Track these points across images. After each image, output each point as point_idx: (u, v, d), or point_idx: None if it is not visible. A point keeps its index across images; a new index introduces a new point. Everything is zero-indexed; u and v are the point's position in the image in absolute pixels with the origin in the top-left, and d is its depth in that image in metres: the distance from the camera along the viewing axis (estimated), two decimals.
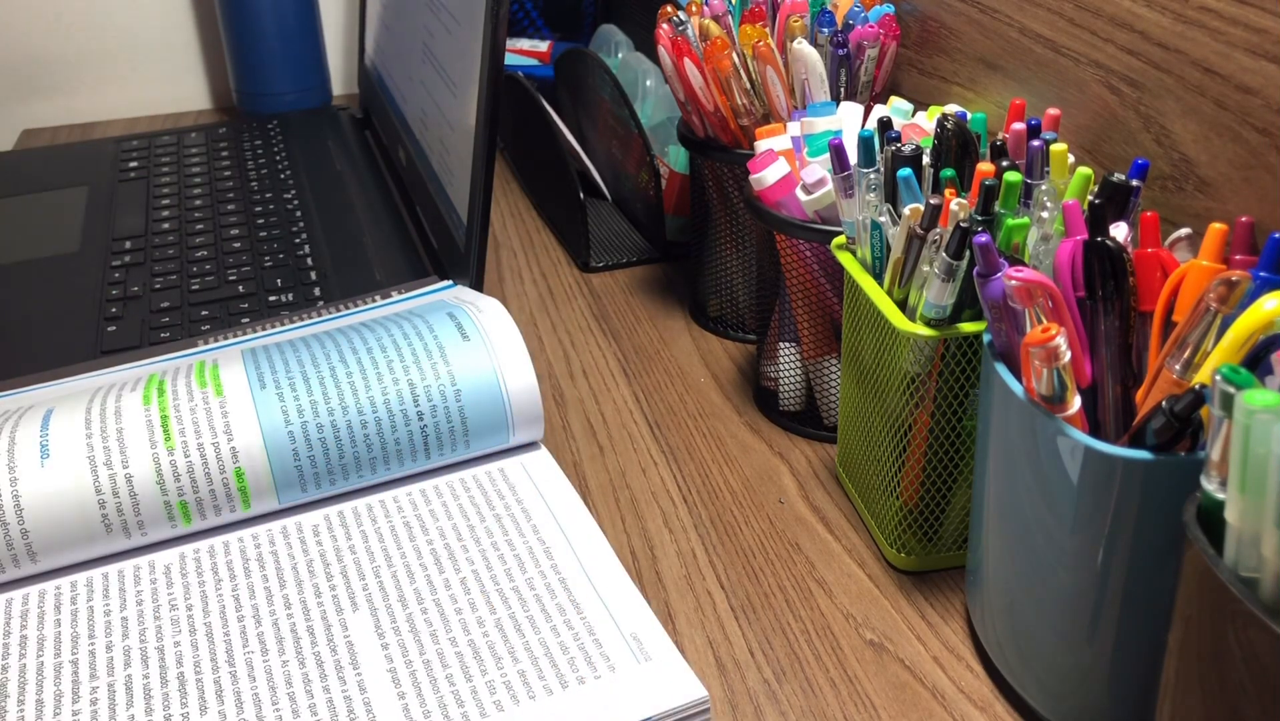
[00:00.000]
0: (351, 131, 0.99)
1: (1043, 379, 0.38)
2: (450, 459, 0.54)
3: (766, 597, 0.50)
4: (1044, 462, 0.39)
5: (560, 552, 0.48)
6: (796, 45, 0.60)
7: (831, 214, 0.54)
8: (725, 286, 0.70)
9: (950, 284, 0.44)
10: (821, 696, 0.45)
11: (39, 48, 1.08)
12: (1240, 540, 0.28)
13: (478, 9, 0.63)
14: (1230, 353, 0.34)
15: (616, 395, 0.65)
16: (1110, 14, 0.53)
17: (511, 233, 0.87)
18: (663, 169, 0.79)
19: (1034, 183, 0.46)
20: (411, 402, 0.52)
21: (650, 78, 0.86)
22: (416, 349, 0.54)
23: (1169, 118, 0.50)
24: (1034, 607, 0.42)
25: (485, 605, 0.45)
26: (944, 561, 0.51)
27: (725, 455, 0.59)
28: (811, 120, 0.56)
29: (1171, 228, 0.43)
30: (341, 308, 0.64)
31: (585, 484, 0.57)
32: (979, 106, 0.63)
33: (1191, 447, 0.36)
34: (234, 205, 0.84)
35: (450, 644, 0.44)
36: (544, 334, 0.71)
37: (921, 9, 0.69)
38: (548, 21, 1.10)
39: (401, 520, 0.51)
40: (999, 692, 0.45)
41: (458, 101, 0.68)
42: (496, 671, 0.42)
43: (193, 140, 0.97)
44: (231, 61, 1.06)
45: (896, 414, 0.49)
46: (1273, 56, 0.44)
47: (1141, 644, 0.39)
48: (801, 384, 0.60)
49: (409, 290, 0.65)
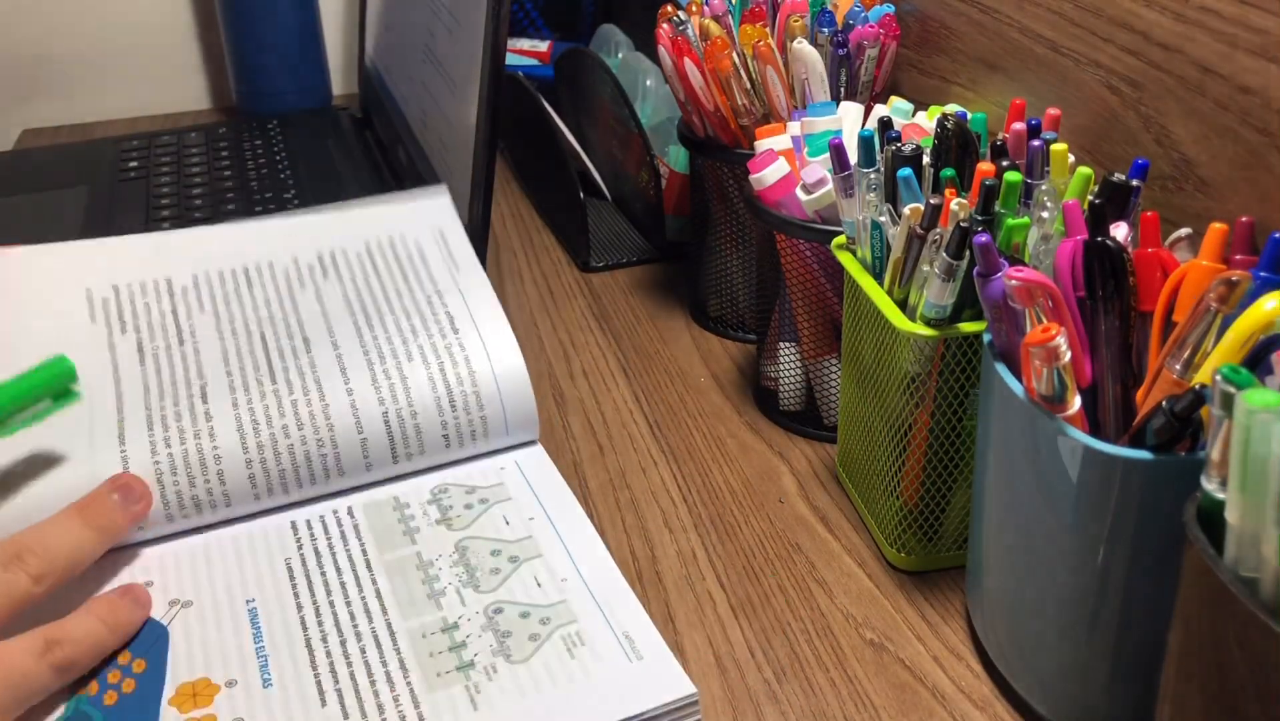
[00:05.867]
0: (351, 131, 0.99)
1: (1043, 379, 0.38)
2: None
3: (766, 597, 0.50)
4: (1044, 462, 0.39)
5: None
6: (796, 45, 0.60)
7: (831, 214, 0.54)
8: (725, 286, 0.70)
9: (950, 284, 0.44)
10: (821, 696, 0.45)
11: (39, 48, 1.08)
12: (1240, 540, 0.28)
13: (478, 9, 0.63)
14: (1230, 352, 0.33)
15: (616, 395, 0.65)
16: (1110, 14, 0.53)
17: (511, 232, 0.87)
18: (663, 169, 0.79)
19: (1034, 182, 0.46)
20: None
21: (650, 78, 0.86)
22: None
23: (1169, 118, 0.50)
24: (1034, 607, 0.41)
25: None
26: (944, 561, 0.51)
27: (725, 455, 0.59)
28: (811, 120, 0.56)
29: (1171, 228, 0.43)
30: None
31: (585, 484, 0.57)
32: (979, 106, 0.63)
33: (1191, 447, 0.36)
34: (234, 205, 0.84)
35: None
36: (544, 334, 0.71)
37: (921, 9, 0.69)
38: (548, 21, 1.10)
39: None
40: (999, 692, 0.45)
41: (458, 101, 0.68)
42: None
43: (193, 140, 0.97)
44: (231, 61, 1.06)
45: (896, 414, 0.49)
46: (1273, 56, 0.44)
47: (1141, 644, 0.39)
48: (801, 384, 0.60)
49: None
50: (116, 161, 0.93)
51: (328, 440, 0.51)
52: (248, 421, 0.50)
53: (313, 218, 0.62)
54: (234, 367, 0.53)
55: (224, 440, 0.50)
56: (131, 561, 0.49)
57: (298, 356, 0.53)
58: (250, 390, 0.52)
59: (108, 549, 0.47)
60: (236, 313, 0.56)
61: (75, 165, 0.93)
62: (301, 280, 0.57)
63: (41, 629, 0.41)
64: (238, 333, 0.55)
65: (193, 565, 0.48)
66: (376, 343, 0.54)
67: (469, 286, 0.58)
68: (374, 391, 0.52)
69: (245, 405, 0.51)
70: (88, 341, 0.54)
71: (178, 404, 0.51)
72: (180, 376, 0.53)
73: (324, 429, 0.51)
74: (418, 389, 0.52)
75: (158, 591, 0.47)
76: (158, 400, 0.51)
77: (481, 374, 0.53)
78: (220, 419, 0.50)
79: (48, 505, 0.47)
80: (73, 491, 0.48)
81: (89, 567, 0.46)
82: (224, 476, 0.50)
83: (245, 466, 0.50)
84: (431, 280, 0.58)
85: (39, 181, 0.90)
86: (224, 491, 0.50)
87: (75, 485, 0.48)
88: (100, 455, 0.49)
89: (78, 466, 0.48)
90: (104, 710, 0.41)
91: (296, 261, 0.59)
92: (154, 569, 0.48)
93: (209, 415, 0.51)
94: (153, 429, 0.50)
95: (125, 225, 0.81)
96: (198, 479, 0.49)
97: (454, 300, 0.57)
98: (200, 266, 0.59)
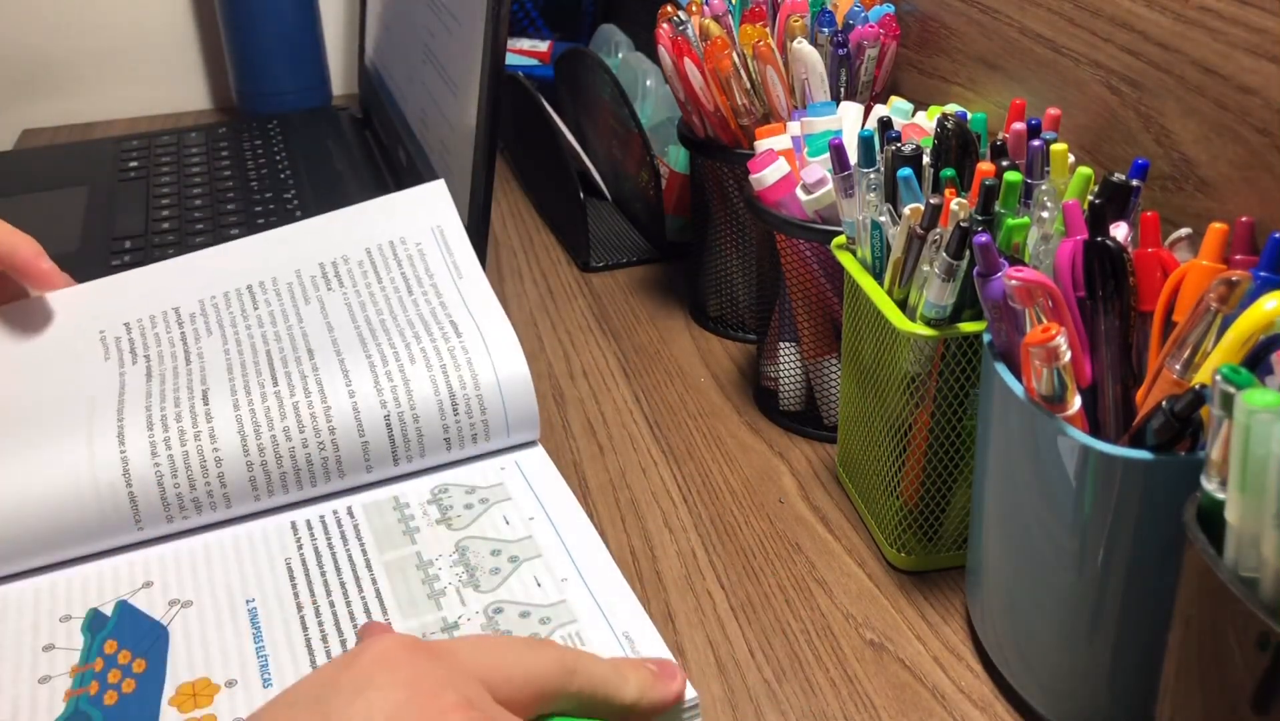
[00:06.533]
0: (351, 131, 0.99)
1: (1043, 379, 0.38)
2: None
3: (766, 597, 0.50)
4: (1044, 462, 0.39)
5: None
6: (796, 45, 0.60)
7: (831, 214, 0.54)
8: (725, 286, 0.70)
9: (950, 284, 0.44)
10: (821, 696, 0.45)
11: (39, 48, 1.08)
12: (1240, 540, 0.28)
13: (478, 9, 0.63)
14: (1230, 352, 0.33)
15: (616, 395, 0.65)
16: (1110, 14, 0.53)
17: (511, 232, 0.87)
18: (663, 169, 0.79)
19: (1034, 182, 0.46)
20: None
21: (650, 78, 0.86)
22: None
23: (1169, 118, 0.50)
24: (1034, 607, 0.41)
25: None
26: (944, 561, 0.51)
27: (725, 455, 0.59)
28: (811, 120, 0.55)
29: (1171, 227, 0.43)
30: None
31: (585, 484, 0.57)
32: (979, 106, 0.63)
33: (1191, 447, 0.36)
34: (234, 205, 0.84)
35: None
36: (544, 334, 0.71)
37: (921, 9, 0.69)
38: (548, 21, 1.10)
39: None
40: (999, 692, 0.45)
41: (458, 101, 0.68)
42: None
43: (193, 140, 0.97)
44: (231, 61, 1.06)
45: (896, 414, 0.49)
46: (1273, 56, 0.44)
47: (1141, 644, 0.39)
48: (801, 384, 0.60)
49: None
50: (116, 161, 0.93)
51: (329, 442, 0.51)
52: (249, 423, 0.50)
53: (313, 225, 0.62)
54: (236, 374, 0.53)
55: (225, 442, 0.50)
56: (132, 561, 0.49)
57: (300, 362, 0.53)
58: (252, 392, 0.52)
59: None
60: (243, 332, 0.56)
61: (75, 165, 0.93)
62: (306, 295, 0.58)
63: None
64: (243, 347, 0.55)
65: (193, 565, 0.48)
66: (379, 347, 0.54)
67: (471, 288, 0.58)
68: (376, 394, 0.52)
69: (246, 407, 0.51)
70: (101, 376, 0.54)
71: (178, 405, 0.51)
72: (184, 383, 0.53)
73: (325, 431, 0.51)
74: (420, 392, 0.52)
75: (158, 591, 0.47)
76: (158, 403, 0.51)
77: (484, 377, 0.53)
78: (221, 420, 0.50)
79: (46, 507, 0.47)
80: (73, 491, 0.48)
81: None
82: (225, 479, 0.50)
83: (246, 469, 0.50)
84: (434, 283, 0.58)
85: (39, 181, 0.90)
86: (224, 493, 0.50)
87: (74, 486, 0.48)
88: (99, 456, 0.49)
89: (77, 467, 0.48)
90: (104, 710, 0.41)
91: (299, 274, 0.59)
92: (154, 569, 0.48)
93: (210, 416, 0.51)
94: (153, 429, 0.50)
95: (125, 225, 0.81)
96: (198, 480, 0.49)
97: (456, 303, 0.57)
98: (206, 291, 0.59)
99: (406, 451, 0.52)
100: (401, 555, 0.49)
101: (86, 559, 0.49)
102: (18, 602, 0.47)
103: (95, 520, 0.48)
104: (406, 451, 0.52)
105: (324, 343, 0.54)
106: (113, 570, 0.48)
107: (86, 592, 0.47)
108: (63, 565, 0.49)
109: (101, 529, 0.48)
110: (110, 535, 0.49)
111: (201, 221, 0.82)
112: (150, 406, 0.51)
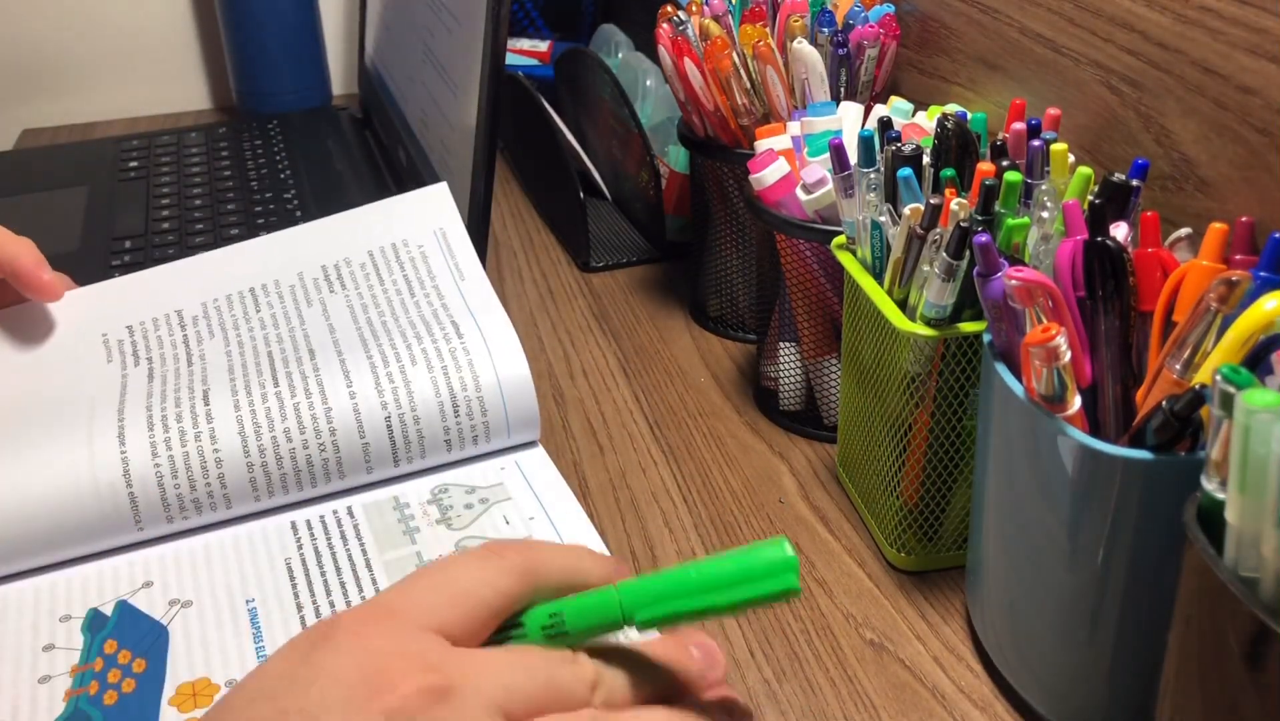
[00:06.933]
0: (351, 131, 0.99)
1: (1043, 379, 0.38)
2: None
3: None
4: (1044, 462, 0.39)
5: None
6: (796, 45, 0.60)
7: (831, 214, 0.54)
8: (725, 286, 0.70)
9: (950, 284, 0.44)
10: (821, 696, 0.45)
11: (39, 48, 1.08)
12: (1240, 540, 0.28)
13: (478, 9, 0.63)
14: (1230, 352, 0.33)
15: (616, 395, 0.65)
16: (1110, 14, 0.53)
17: (511, 233, 0.87)
18: (663, 169, 0.79)
19: (1034, 182, 0.46)
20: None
21: (650, 78, 0.86)
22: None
23: (1169, 118, 0.50)
24: (1034, 607, 0.42)
25: None
26: (944, 561, 0.51)
27: (725, 455, 0.59)
28: (811, 120, 0.56)
29: (1171, 227, 0.43)
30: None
31: (585, 484, 0.57)
32: (979, 106, 0.63)
33: (1191, 447, 0.36)
34: (234, 205, 0.84)
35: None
36: (544, 334, 0.71)
37: (921, 9, 0.69)
38: (548, 21, 1.10)
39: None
40: (999, 692, 0.45)
41: (458, 101, 0.68)
42: None
43: (193, 140, 0.97)
44: (231, 61, 1.06)
45: (896, 414, 0.49)
46: (1273, 56, 0.44)
47: (1141, 644, 0.39)
48: (801, 384, 0.60)
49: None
50: (116, 161, 0.93)
51: (329, 443, 0.51)
52: (249, 424, 0.50)
53: (316, 228, 0.62)
54: (238, 374, 0.53)
55: (225, 442, 0.50)
56: (132, 561, 0.49)
57: (301, 363, 0.53)
58: (253, 393, 0.52)
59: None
60: (245, 334, 0.56)
61: (75, 165, 0.93)
62: (308, 297, 0.58)
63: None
64: (245, 348, 0.55)
65: (193, 565, 0.48)
66: (380, 348, 0.54)
67: (473, 290, 0.58)
68: (377, 395, 0.52)
69: (247, 407, 0.51)
70: (102, 378, 0.54)
71: (179, 406, 0.51)
72: (185, 384, 0.53)
73: (326, 432, 0.51)
74: (421, 393, 0.52)
75: (158, 591, 0.47)
76: (159, 403, 0.51)
77: (485, 378, 0.53)
78: (222, 421, 0.50)
79: (46, 507, 0.47)
80: (73, 491, 0.48)
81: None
82: (225, 479, 0.50)
83: (247, 469, 0.50)
84: (435, 285, 0.58)
85: (39, 181, 0.90)
86: (225, 493, 0.50)
87: (75, 486, 0.48)
88: (100, 456, 0.49)
89: (78, 467, 0.48)
90: (104, 710, 0.41)
91: (302, 277, 0.59)
92: (154, 569, 0.48)
93: (210, 416, 0.51)
94: (153, 430, 0.50)
95: (125, 225, 0.81)
96: (198, 481, 0.49)
97: (458, 305, 0.57)
98: (209, 294, 0.59)
99: (407, 452, 0.52)
100: (401, 555, 0.49)
101: (86, 559, 0.49)
102: (18, 602, 0.47)
103: (95, 520, 0.48)
104: (407, 452, 0.52)
105: (325, 344, 0.54)
106: (113, 570, 0.48)
107: (86, 592, 0.47)
108: (63, 565, 0.49)
109: (102, 529, 0.48)
110: (110, 535, 0.49)
111: (201, 221, 0.82)
112: (151, 406, 0.51)
